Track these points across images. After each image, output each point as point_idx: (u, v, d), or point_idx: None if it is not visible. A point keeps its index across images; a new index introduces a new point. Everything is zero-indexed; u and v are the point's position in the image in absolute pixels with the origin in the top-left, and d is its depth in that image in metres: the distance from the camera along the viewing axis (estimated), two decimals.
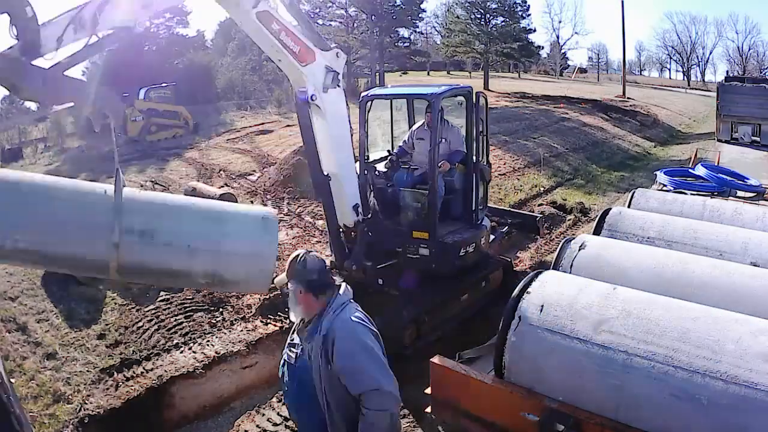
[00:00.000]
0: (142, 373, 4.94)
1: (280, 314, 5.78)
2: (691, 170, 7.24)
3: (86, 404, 4.50)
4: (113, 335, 5.48)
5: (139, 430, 4.49)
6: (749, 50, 52.34)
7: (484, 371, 3.18)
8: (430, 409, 3.38)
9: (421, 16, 33.74)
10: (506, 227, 7.29)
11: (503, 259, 6.67)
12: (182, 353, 5.22)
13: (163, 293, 6.16)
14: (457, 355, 3.44)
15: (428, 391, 3.32)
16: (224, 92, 25.72)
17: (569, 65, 59.17)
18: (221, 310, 5.97)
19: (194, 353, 5.21)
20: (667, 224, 4.30)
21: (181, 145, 15.44)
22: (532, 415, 2.72)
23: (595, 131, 19.48)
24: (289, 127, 17.38)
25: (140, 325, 5.69)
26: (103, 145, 13.62)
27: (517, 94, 28.83)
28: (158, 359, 5.14)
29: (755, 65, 50.39)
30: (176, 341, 5.41)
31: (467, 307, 5.74)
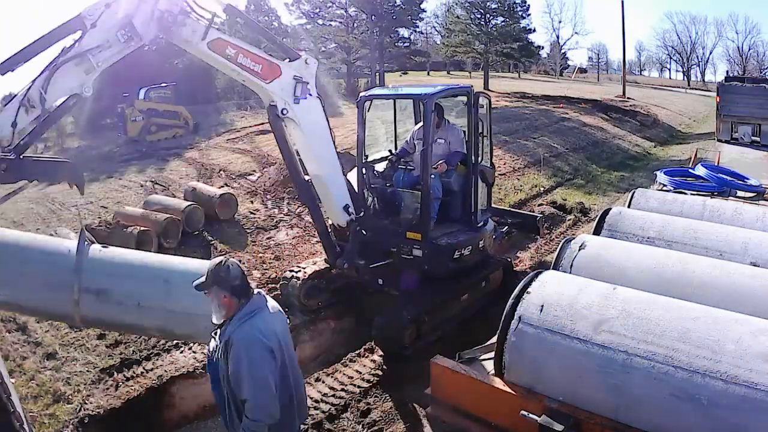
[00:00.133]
0: (142, 373, 4.94)
1: None
2: (691, 170, 7.23)
3: (86, 404, 4.49)
4: (113, 335, 5.46)
5: (139, 430, 4.48)
6: (749, 50, 52.45)
7: (484, 371, 3.18)
8: (430, 409, 3.38)
9: (421, 16, 33.70)
10: (506, 227, 7.29)
11: (503, 259, 6.67)
12: (182, 353, 5.22)
13: None
14: (457, 355, 3.43)
15: (428, 391, 3.33)
16: (224, 92, 25.62)
17: (569, 65, 59.22)
18: None
19: (194, 353, 5.20)
20: (667, 224, 4.31)
21: (181, 145, 15.41)
22: (532, 415, 2.72)
23: (595, 131, 19.48)
24: None
25: None
26: (103, 145, 13.60)
27: (517, 94, 28.80)
28: (158, 359, 5.13)
29: (755, 65, 50.40)
30: (176, 341, 5.39)
31: (467, 307, 5.74)
